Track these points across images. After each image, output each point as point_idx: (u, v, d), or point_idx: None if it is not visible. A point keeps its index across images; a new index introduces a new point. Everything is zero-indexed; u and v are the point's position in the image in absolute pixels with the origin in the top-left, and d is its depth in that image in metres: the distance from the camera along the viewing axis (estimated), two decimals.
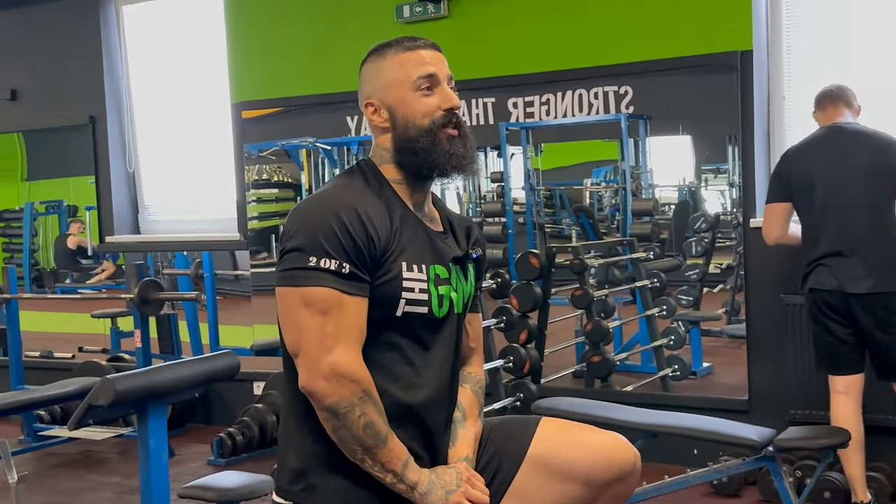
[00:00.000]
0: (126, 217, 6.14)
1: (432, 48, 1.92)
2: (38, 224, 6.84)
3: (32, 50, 6.24)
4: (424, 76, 1.86)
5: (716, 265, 4.92)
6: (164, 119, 6.12)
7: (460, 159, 1.88)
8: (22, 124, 6.41)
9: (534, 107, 4.86)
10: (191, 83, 5.98)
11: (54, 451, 5.21)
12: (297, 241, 1.75)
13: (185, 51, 5.98)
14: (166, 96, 6.08)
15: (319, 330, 1.72)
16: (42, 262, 6.84)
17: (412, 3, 4.92)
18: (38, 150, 6.66)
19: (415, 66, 1.86)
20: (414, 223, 1.88)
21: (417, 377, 1.84)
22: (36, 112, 6.27)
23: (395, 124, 1.88)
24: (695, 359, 4.94)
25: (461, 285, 1.94)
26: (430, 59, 1.88)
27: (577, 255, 4.76)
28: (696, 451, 4.34)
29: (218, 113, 5.77)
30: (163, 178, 6.21)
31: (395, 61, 1.88)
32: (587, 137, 5.09)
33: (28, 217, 6.79)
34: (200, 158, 6.03)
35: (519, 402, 4.29)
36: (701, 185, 4.91)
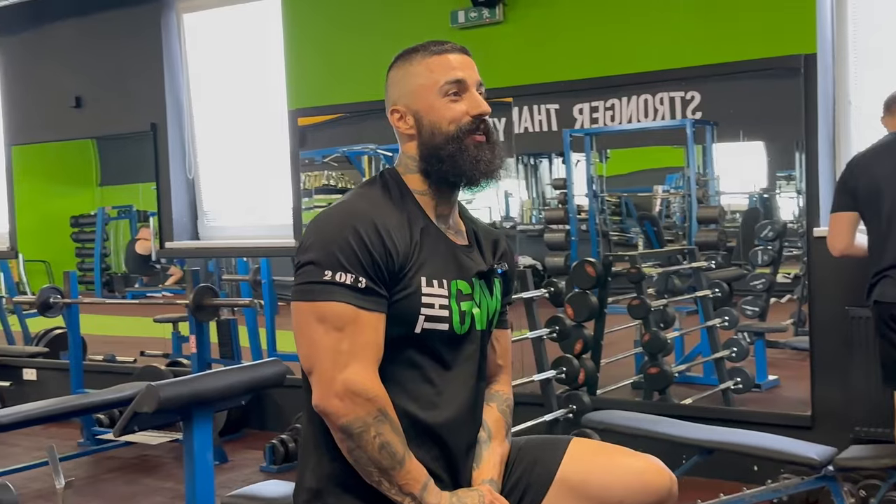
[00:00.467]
0: (185, 223, 6.20)
1: (461, 52, 1.86)
2: (110, 228, 6.95)
3: (96, 58, 6.34)
4: (452, 81, 1.80)
5: (784, 275, 4.78)
6: (222, 126, 6.17)
7: (487, 165, 1.81)
8: (86, 131, 6.52)
9: (598, 112, 4.77)
10: (249, 90, 6.01)
11: (112, 455, 5.27)
12: (313, 255, 1.69)
13: (244, 58, 6.02)
14: (225, 103, 6.12)
15: (334, 347, 1.66)
16: (114, 266, 6.94)
17: (467, 9, 4.87)
18: (110, 155, 6.78)
19: (442, 71, 1.80)
20: (436, 236, 1.81)
21: (438, 396, 1.77)
22: (99, 119, 6.36)
23: (420, 131, 1.82)
24: (759, 371, 4.80)
25: (485, 301, 1.86)
26: (458, 64, 1.82)
27: (633, 264, 4.65)
28: (756, 468, 4.19)
29: (276, 119, 5.79)
30: (222, 185, 6.26)
31: (422, 66, 1.82)
32: (652, 143, 5.00)
33: (100, 222, 6.90)
34: (259, 165, 6.06)
35: (571, 414, 4.20)
36: (774, 192, 4.76)
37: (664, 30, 4.55)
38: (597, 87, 4.74)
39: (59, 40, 6.52)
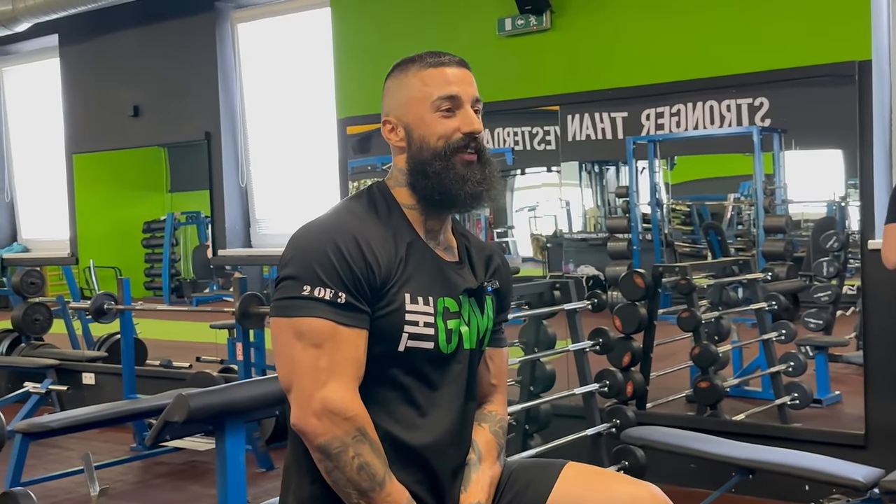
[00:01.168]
0: (238, 231, 6.25)
1: (459, 66, 1.79)
2: (179, 234, 7.06)
3: (154, 68, 6.44)
4: (446, 97, 1.74)
5: (850, 287, 4.63)
6: (274, 134, 6.22)
7: (475, 186, 1.74)
8: (143, 140, 6.62)
9: (664, 118, 4.68)
10: (300, 99, 6.05)
11: (162, 461, 5.33)
12: (291, 269, 1.65)
13: (295, 67, 6.06)
14: (277, 112, 6.17)
15: (312, 364, 1.61)
16: (182, 271, 7.04)
17: (514, 16, 4.83)
18: (179, 162, 6.88)
19: (437, 85, 1.75)
20: (422, 252, 1.75)
21: (422, 417, 1.71)
22: (157, 128, 6.46)
23: (410, 144, 1.77)
24: (820, 386, 4.66)
25: (475, 319, 1.80)
26: (454, 78, 1.76)
27: (683, 275, 4.55)
28: (807, 488, 4.06)
29: (325, 128, 5.82)
30: (274, 193, 6.30)
31: (416, 78, 1.77)
32: (719, 151, 4.89)
33: (169, 227, 7.01)
34: (309, 173, 6.09)
35: (615, 429, 4.11)
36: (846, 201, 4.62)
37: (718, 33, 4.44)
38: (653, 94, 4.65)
39: (118, 50, 6.64)
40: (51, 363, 6.28)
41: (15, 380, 6.78)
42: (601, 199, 5.21)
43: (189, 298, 6.92)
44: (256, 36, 6.22)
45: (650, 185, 4.91)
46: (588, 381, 4.19)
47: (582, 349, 4.20)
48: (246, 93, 6.26)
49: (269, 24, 6.14)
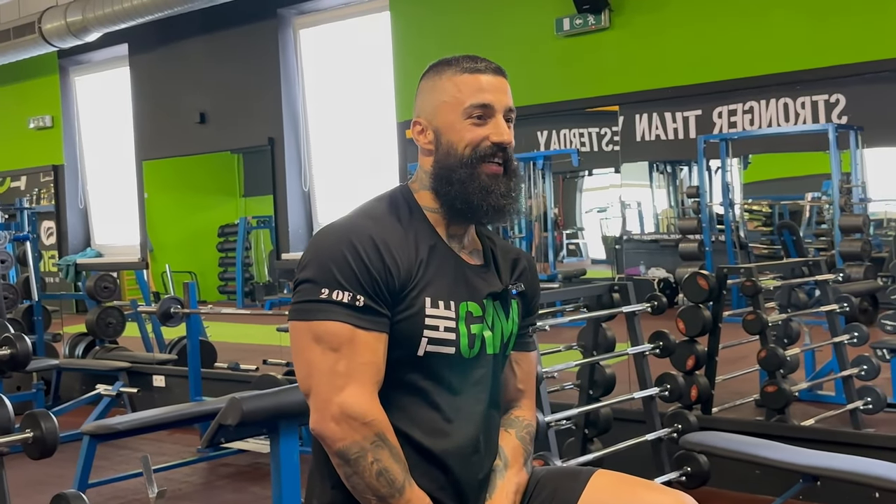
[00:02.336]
0: (301, 235, 6.31)
1: (495, 74, 1.73)
2: (252, 238, 7.15)
3: (218, 75, 6.55)
4: (478, 105, 1.69)
5: None
6: (335, 138, 6.25)
7: (499, 199, 1.70)
8: (209, 147, 6.73)
9: (736, 116, 4.59)
10: (361, 103, 6.08)
11: (227, 462, 5.38)
12: (309, 272, 1.63)
13: (356, 71, 6.09)
14: (338, 116, 6.21)
15: (330, 368, 1.59)
16: (255, 275, 7.12)
17: (572, 16, 4.78)
18: (252, 167, 6.98)
19: (471, 92, 1.70)
20: (445, 255, 1.72)
21: (444, 422, 1.68)
22: (222, 135, 6.56)
23: (438, 148, 1.73)
24: (895, 390, 4.51)
25: (499, 324, 1.76)
26: (488, 86, 1.70)
27: (748, 276, 4.43)
28: (877, 495, 3.92)
29: (386, 131, 5.83)
30: (335, 196, 6.34)
31: (451, 82, 1.72)
32: (794, 149, 4.78)
33: (241, 231, 7.11)
34: (371, 176, 6.11)
35: (676, 434, 4.02)
36: None
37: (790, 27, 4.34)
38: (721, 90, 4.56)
39: (184, 58, 6.76)
40: (122, 366, 6.40)
41: (89, 382, 6.92)
42: (674, 199, 5.12)
43: (261, 302, 7.00)
44: (318, 41, 6.27)
45: (722, 184, 4.81)
46: (648, 385, 4.11)
47: (641, 353, 4.12)
48: (308, 98, 6.31)
49: (331, 30, 6.20)
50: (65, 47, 6.93)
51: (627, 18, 4.70)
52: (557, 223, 5.57)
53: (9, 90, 8.39)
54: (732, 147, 4.74)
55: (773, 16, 4.33)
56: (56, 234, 8.19)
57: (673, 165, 5.08)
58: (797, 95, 4.38)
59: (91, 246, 8.12)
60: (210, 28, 6.49)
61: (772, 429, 4.26)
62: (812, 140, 4.55)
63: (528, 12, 5.00)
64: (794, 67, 4.33)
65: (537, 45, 4.86)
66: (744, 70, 4.43)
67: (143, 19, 6.15)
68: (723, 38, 4.47)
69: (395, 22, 5.57)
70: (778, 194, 5.03)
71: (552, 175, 5.40)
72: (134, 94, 7.20)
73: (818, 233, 4.90)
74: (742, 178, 4.85)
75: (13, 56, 7.26)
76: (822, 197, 4.84)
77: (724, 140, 4.72)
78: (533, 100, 5.03)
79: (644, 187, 5.18)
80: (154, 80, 7.01)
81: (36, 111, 8.17)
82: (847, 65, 4.17)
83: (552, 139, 5.19)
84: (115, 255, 7.84)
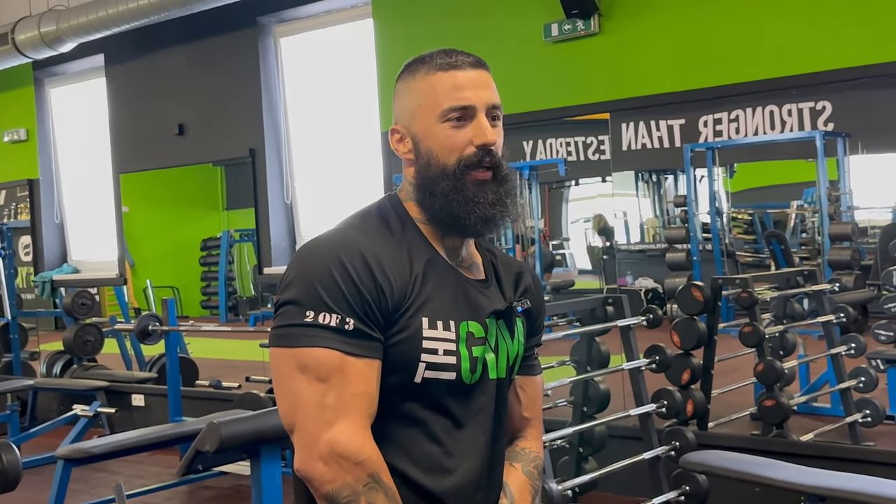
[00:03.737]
0: (284, 248, 6.16)
1: (473, 67, 1.56)
2: (235, 252, 6.99)
3: (197, 85, 6.41)
4: (457, 107, 1.52)
5: None
6: (318, 150, 6.12)
7: (487, 208, 1.52)
8: (188, 159, 6.58)
9: (722, 125, 4.50)
10: (343, 113, 5.95)
11: (209, 485, 5.22)
12: (293, 293, 1.46)
13: (337, 81, 5.97)
14: (320, 127, 6.08)
15: (318, 401, 1.42)
16: (239, 290, 6.97)
17: (560, 21, 4.66)
18: (235, 179, 6.83)
19: (446, 92, 1.52)
20: (443, 271, 1.55)
21: (445, 458, 1.51)
22: (201, 146, 6.41)
23: (418, 157, 1.56)
24: (892, 402, 4.45)
25: (504, 345, 1.59)
26: (467, 83, 1.53)
27: (744, 287, 4.31)
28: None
29: (370, 141, 5.70)
30: (318, 209, 6.20)
31: (425, 83, 1.54)
32: (781, 157, 4.69)
33: (224, 245, 6.95)
34: (354, 187, 5.98)
35: (674, 451, 3.89)
36: None
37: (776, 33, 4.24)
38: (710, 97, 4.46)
39: (162, 69, 6.62)
40: (99, 385, 6.23)
41: (67, 402, 6.75)
42: (660, 208, 5.03)
43: (245, 317, 6.84)
44: (299, 50, 6.15)
45: (709, 193, 4.72)
46: (644, 402, 3.98)
47: (637, 368, 3.98)
48: (289, 108, 6.18)
49: (312, 38, 6.07)
50: (39, 58, 6.78)
51: (617, 23, 4.59)
52: (543, 234, 5.46)
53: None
54: (719, 155, 4.64)
55: (761, 22, 4.25)
56: (32, 250, 8.01)
57: (658, 174, 4.98)
58: (783, 103, 4.30)
59: (68, 262, 7.94)
60: (188, 38, 6.35)
61: (772, 445, 4.14)
62: (799, 148, 4.48)
63: (515, 18, 4.88)
64: (780, 73, 4.24)
65: (525, 50, 4.74)
66: (730, 76, 4.35)
67: (118, 29, 6.00)
68: (710, 44, 4.38)
69: (378, 29, 5.46)
70: (763, 202, 4.94)
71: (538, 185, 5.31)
72: (111, 106, 7.05)
73: (802, 241, 4.81)
74: (727, 187, 4.75)
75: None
76: (804, 205, 4.74)
77: (710, 149, 4.63)
78: (520, 108, 4.91)
79: (630, 196, 5.07)
80: (131, 91, 6.87)
81: (10, 124, 8.00)
82: (833, 70, 4.08)
83: (538, 149, 5.08)
84: (92, 271, 7.66)
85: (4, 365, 7.20)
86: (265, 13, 6.05)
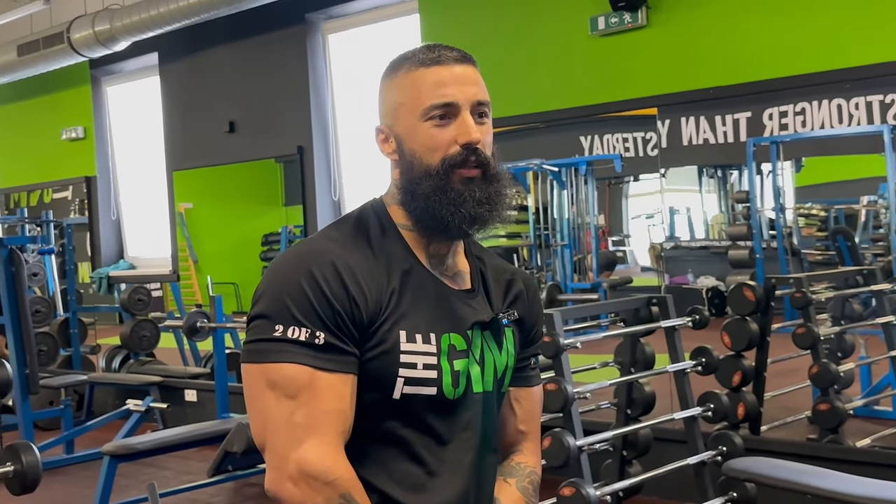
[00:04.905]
0: None
1: (458, 62, 1.48)
2: None
3: (247, 83, 6.43)
4: (439, 105, 1.44)
5: None
6: (365, 146, 6.09)
7: (474, 206, 1.44)
8: (238, 156, 6.60)
9: (788, 118, 4.38)
10: None
11: (253, 482, 5.22)
12: (262, 307, 1.40)
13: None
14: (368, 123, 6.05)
15: (287, 419, 1.36)
16: None
17: (607, 14, 4.56)
18: (293, 176, 6.86)
19: (429, 90, 1.45)
20: (423, 280, 1.48)
21: (429, 477, 1.44)
22: (251, 144, 6.43)
23: (401, 158, 1.49)
24: None
25: (491, 357, 1.51)
26: (450, 79, 1.46)
27: (798, 287, 4.17)
28: None
29: None
30: None
31: (408, 80, 1.48)
32: (849, 151, 4.55)
33: (284, 240, 6.98)
34: None
35: (720, 456, 3.76)
36: None
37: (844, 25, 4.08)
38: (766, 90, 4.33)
39: (213, 67, 6.66)
40: (153, 380, 6.29)
41: (122, 396, 6.84)
42: (725, 204, 4.91)
43: None
44: (347, 46, 6.12)
45: (773, 189, 4.58)
46: (690, 405, 3.85)
47: (682, 370, 3.87)
48: (338, 105, 6.16)
49: (360, 34, 6.04)
50: (94, 57, 6.86)
51: (666, 16, 4.47)
52: (603, 230, 5.36)
53: (42, 101, 8.37)
54: (784, 150, 4.50)
55: (823, 10, 4.07)
56: (90, 247, 8.14)
57: (723, 169, 4.85)
58: (851, 96, 4.15)
59: (124, 258, 8.05)
60: (238, 36, 6.37)
61: (824, 451, 4.00)
62: (867, 142, 4.33)
63: (561, 11, 4.80)
64: (846, 64, 4.07)
65: (571, 45, 4.65)
66: (792, 68, 4.19)
67: (170, 27, 6.05)
68: (767, 36, 4.23)
69: (424, 24, 5.41)
70: (832, 198, 4.78)
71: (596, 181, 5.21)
72: (164, 104, 7.12)
73: (875, 238, 4.64)
74: (794, 182, 4.61)
75: (44, 67, 7.22)
76: (878, 201, 4.57)
77: (774, 143, 4.49)
78: (567, 103, 4.83)
79: (693, 192, 4.95)
80: (183, 90, 6.93)
81: (68, 122, 8.13)
82: None
83: (594, 144, 4.99)
84: (148, 267, 7.75)
85: (64, 359, 7.31)
86: (313, 10, 6.04)
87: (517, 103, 5.04)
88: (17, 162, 8.80)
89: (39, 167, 8.49)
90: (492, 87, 1.52)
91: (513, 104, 5.08)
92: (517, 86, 5.01)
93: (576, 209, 5.36)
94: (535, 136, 5.24)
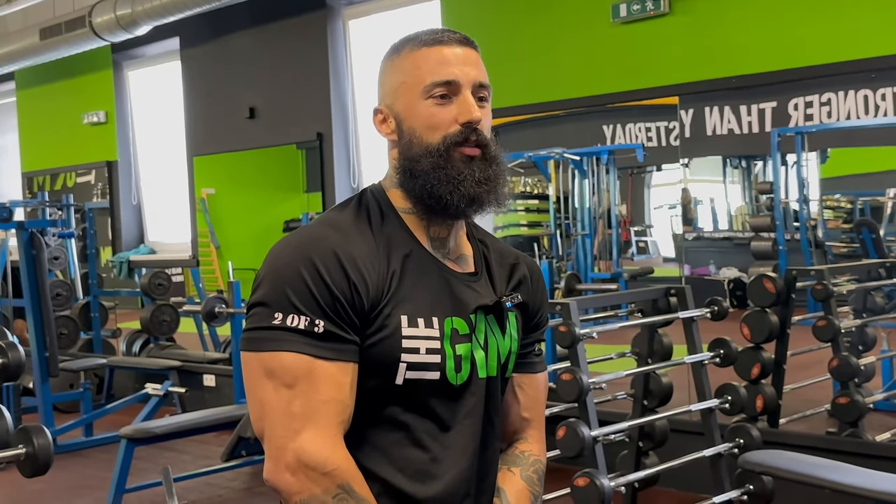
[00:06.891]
0: None
1: (459, 44, 1.48)
2: None
3: (267, 69, 6.42)
4: (441, 82, 1.43)
5: None
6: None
7: (473, 186, 1.43)
8: (258, 142, 6.59)
9: (813, 108, 4.33)
10: None
11: None
12: (261, 294, 1.39)
13: None
14: None
15: (284, 408, 1.35)
16: None
17: (629, 1, 4.51)
18: (314, 162, 6.86)
19: (431, 68, 1.45)
20: (424, 264, 1.46)
21: (432, 463, 1.42)
22: (270, 130, 6.42)
23: (400, 137, 1.48)
24: None
25: (494, 341, 1.49)
26: (453, 59, 1.45)
27: (819, 279, 4.13)
28: None
29: None
30: None
31: (409, 59, 1.47)
32: (876, 143, 4.50)
33: None
34: None
35: (737, 449, 3.74)
36: None
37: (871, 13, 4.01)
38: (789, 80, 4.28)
39: (234, 52, 6.65)
40: (172, 364, 6.31)
41: (143, 380, 6.87)
42: (749, 195, 4.87)
43: None
44: (367, 32, 6.10)
45: (797, 180, 4.53)
46: (707, 397, 3.83)
47: (700, 361, 3.83)
48: (357, 92, 6.14)
49: (380, 20, 6.02)
50: (115, 41, 6.87)
51: (689, 3, 4.42)
52: (624, 220, 5.33)
53: (64, 85, 8.40)
54: (809, 140, 4.45)
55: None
56: (111, 231, 8.17)
57: (748, 160, 4.80)
58: (877, 87, 4.09)
59: (144, 242, 8.08)
60: (258, 21, 6.36)
61: (843, 444, 3.97)
62: (893, 133, 4.27)
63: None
64: (873, 54, 4.02)
65: (592, 32, 4.60)
66: (818, 57, 4.14)
67: (191, 12, 6.04)
68: (794, 24, 4.18)
69: (445, 10, 5.38)
70: (857, 190, 4.72)
71: (618, 171, 5.18)
72: (185, 89, 7.13)
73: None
74: (820, 173, 4.56)
75: (66, 51, 7.23)
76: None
77: (799, 133, 4.44)
78: (588, 91, 4.78)
79: (717, 183, 4.91)
80: (204, 75, 6.93)
81: (90, 107, 8.15)
82: None
83: (617, 133, 4.95)
84: (168, 252, 7.78)
85: (85, 343, 7.36)
86: None
87: (538, 91, 5.01)
88: (39, 146, 8.84)
89: (61, 151, 8.52)
90: (513, 74, 1.52)
91: (534, 92, 5.04)
92: (538, 73, 4.97)
93: (597, 198, 5.33)
94: (557, 124, 5.20)
